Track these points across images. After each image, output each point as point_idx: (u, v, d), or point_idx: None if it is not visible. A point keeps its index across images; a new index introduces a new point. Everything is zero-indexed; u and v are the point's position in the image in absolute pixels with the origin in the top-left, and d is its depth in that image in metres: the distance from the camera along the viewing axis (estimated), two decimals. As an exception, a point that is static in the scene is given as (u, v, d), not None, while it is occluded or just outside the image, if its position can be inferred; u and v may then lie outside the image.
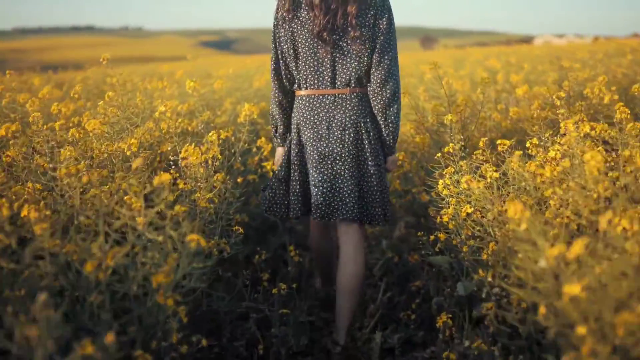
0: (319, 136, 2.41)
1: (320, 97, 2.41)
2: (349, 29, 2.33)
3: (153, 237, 1.51)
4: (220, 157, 2.32)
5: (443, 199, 2.35)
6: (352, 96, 2.40)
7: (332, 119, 2.40)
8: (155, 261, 1.49)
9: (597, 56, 7.39)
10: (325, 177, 2.41)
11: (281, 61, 2.45)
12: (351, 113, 2.40)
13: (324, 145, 2.41)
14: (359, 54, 2.35)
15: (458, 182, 2.29)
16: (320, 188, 2.41)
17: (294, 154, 2.49)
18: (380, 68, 2.36)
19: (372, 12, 2.34)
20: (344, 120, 2.39)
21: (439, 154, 2.46)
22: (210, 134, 2.35)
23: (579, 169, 1.85)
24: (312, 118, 2.42)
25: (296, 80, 2.46)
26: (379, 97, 2.38)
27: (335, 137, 2.40)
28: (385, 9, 2.37)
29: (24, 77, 9.99)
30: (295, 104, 2.49)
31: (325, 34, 2.32)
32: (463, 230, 2.14)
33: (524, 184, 1.92)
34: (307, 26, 2.36)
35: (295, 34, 2.38)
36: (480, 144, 2.27)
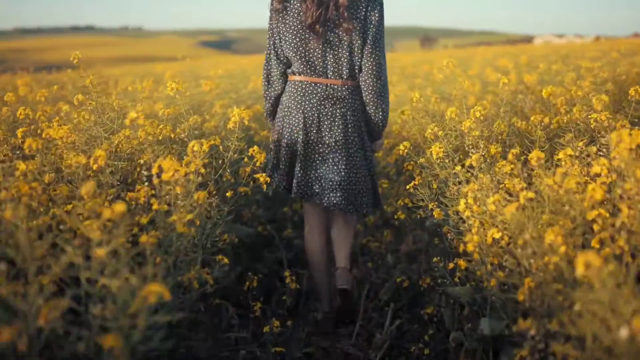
0: (308, 122, 2.47)
1: (313, 84, 2.46)
2: (340, 21, 2.37)
3: (106, 284, 1.18)
4: (203, 170, 1.98)
5: (462, 219, 2.02)
6: (344, 88, 2.46)
7: (322, 107, 2.46)
8: (108, 315, 1.15)
9: (611, 55, 7.05)
10: (311, 161, 2.49)
11: (273, 51, 2.51)
12: (342, 104, 2.46)
13: (314, 132, 2.47)
14: (350, 46, 2.40)
15: (477, 198, 1.96)
16: (305, 170, 2.49)
17: (284, 137, 2.55)
18: (372, 59, 2.41)
19: (363, 5, 2.38)
20: (334, 111, 2.46)
21: (458, 167, 2.13)
22: (191, 144, 2.01)
23: (635, 188, 1.52)
24: (303, 103, 2.48)
25: (290, 68, 2.51)
26: (371, 87, 2.44)
27: (324, 126, 2.46)
28: (377, 2, 2.41)
29: (15, 77, 9.67)
30: (288, 87, 2.53)
31: (317, 26, 2.36)
32: (488, 259, 1.81)
33: (567, 208, 1.58)
34: (299, 18, 2.40)
35: (288, 25, 2.43)
36: (510, 156, 1.94)
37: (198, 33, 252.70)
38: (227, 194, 2.51)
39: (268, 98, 2.60)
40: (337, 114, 2.45)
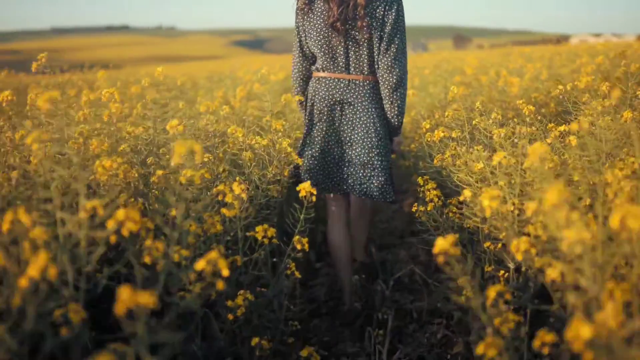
0: (332, 116, 2.62)
1: (336, 80, 2.61)
2: (359, 19, 2.50)
3: None
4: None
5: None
6: (365, 83, 2.61)
7: (345, 101, 2.61)
8: None
9: None
10: (335, 154, 2.64)
11: (299, 48, 2.68)
12: (364, 99, 2.60)
13: (337, 124, 2.62)
14: (369, 43, 2.54)
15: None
16: (329, 163, 2.65)
17: (306, 131, 2.69)
18: (387, 55, 2.54)
19: (382, 4, 2.52)
20: (356, 105, 2.60)
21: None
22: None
23: None
24: (327, 97, 2.62)
25: (315, 65, 2.67)
26: (386, 82, 2.57)
27: (347, 119, 2.61)
28: (394, 2, 2.53)
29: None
30: (312, 84, 2.69)
31: (338, 24, 2.51)
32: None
33: None
34: (322, 17, 2.56)
35: (312, 24, 2.59)
36: None
37: (231, 32, 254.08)
38: None
39: (297, 86, 2.74)
40: (359, 107, 2.59)
